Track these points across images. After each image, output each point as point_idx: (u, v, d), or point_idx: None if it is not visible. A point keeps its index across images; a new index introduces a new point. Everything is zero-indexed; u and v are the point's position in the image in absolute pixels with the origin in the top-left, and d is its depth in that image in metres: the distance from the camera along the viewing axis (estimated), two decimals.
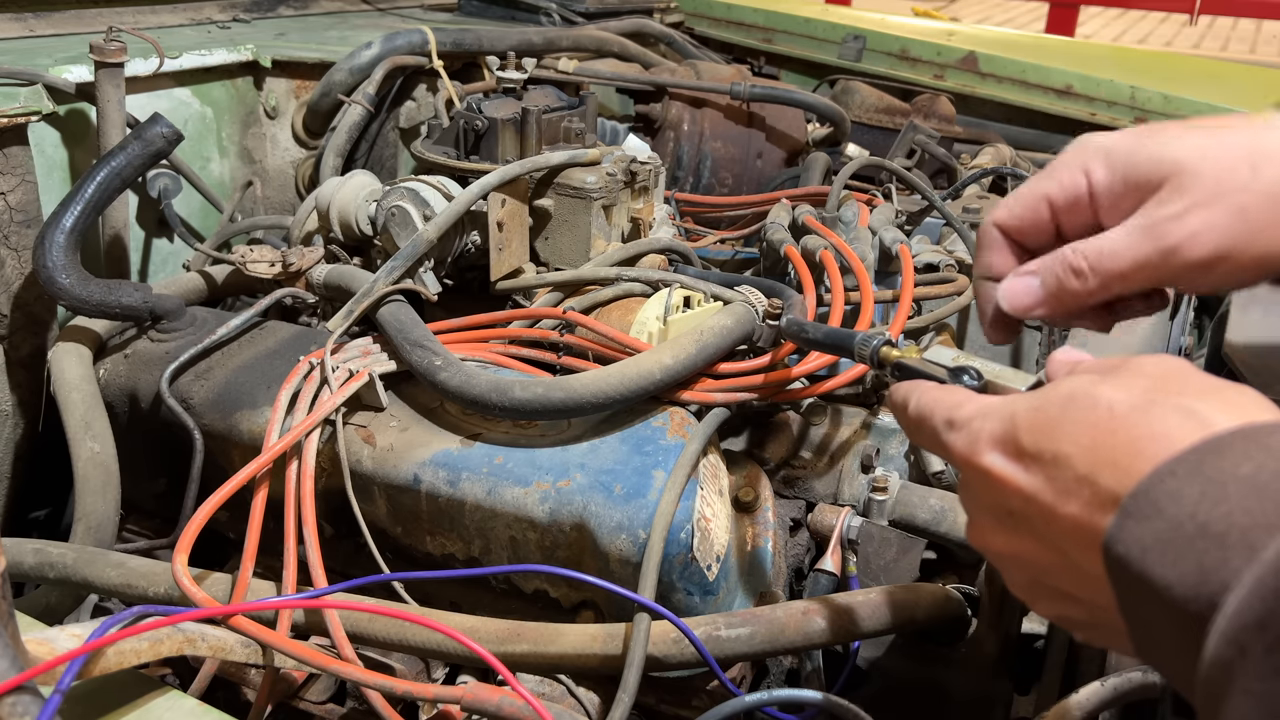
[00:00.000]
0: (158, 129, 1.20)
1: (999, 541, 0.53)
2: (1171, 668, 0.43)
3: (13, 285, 1.30)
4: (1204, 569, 0.38)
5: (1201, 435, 0.43)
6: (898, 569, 1.02)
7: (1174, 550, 0.40)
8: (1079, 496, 0.46)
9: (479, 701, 0.82)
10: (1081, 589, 0.49)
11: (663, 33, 2.25)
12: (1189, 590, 0.39)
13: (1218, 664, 0.37)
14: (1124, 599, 0.43)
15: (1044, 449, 0.48)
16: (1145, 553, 0.41)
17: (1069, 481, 0.46)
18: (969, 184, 1.65)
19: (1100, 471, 0.45)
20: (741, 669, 0.99)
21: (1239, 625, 0.37)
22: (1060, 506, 0.47)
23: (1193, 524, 0.40)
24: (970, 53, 2.30)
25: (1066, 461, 0.47)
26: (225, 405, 1.11)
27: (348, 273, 1.23)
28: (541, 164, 1.29)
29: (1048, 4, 8.25)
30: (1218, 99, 2.07)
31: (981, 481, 0.52)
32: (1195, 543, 0.39)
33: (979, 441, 0.52)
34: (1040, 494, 0.48)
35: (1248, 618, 0.36)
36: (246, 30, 1.79)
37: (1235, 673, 0.37)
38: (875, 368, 0.77)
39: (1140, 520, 0.42)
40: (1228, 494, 0.39)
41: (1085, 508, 0.45)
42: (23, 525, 1.38)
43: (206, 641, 0.79)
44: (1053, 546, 0.49)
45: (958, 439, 0.54)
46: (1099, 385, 0.48)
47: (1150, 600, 0.41)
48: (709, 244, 1.67)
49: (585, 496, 0.96)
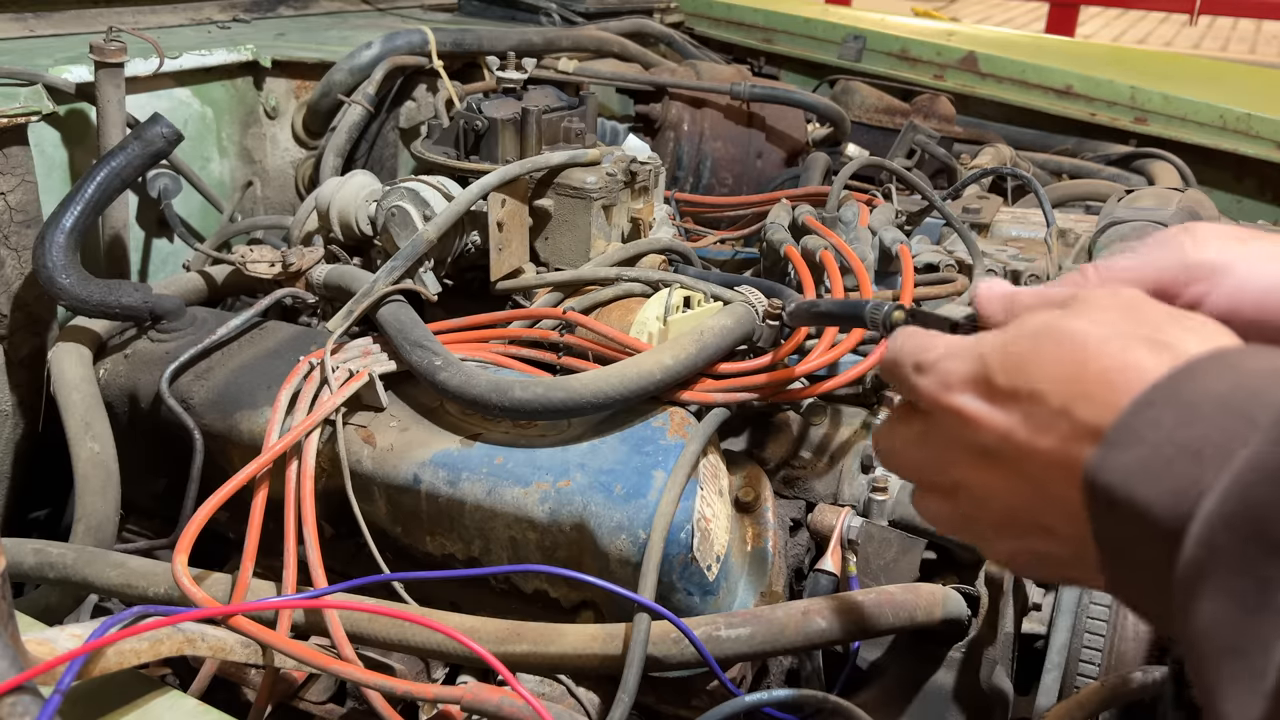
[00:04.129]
0: (158, 129, 1.20)
1: (973, 478, 0.53)
2: (1144, 598, 0.44)
3: (13, 285, 1.30)
4: (1182, 485, 0.40)
5: (1173, 363, 0.44)
6: (898, 569, 1.02)
7: (1155, 472, 0.41)
8: (1056, 430, 0.46)
9: (479, 701, 0.82)
10: (1057, 522, 0.49)
11: (663, 33, 2.25)
12: (1168, 508, 0.40)
13: (1191, 566, 0.38)
14: (1102, 528, 0.44)
15: (1018, 386, 0.49)
16: (1128, 479, 0.42)
17: (1045, 416, 0.47)
18: (969, 184, 1.65)
19: (1076, 405, 0.46)
20: (741, 669, 0.99)
21: (1210, 528, 0.38)
22: (1037, 441, 0.47)
23: (1171, 446, 0.41)
24: (970, 53, 2.30)
25: (1042, 397, 0.47)
26: (225, 405, 1.11)
27: (348, 273, 1.23)
28: (541, 164, 1.29)
29: (1048, 4, 8.25)
30: (1218, 99, 2.07)
31: (954, 421, 0.52)
32: (1174, 463, 0.40)
33: (949, 383, 0.53)
34: (1016, 430, 0.48)
35: (1218, 520, 0.38)
36: (246, 30, 1.79)
37: (1207, 572, 0.38)
38: (887, 333, 0.78)
39: (1123, 449, 0.42)
40: (1203, 414, 0.41)
41: (1063, 441, 0.46)
42: (23, 525, 1.37)
43: (206, 641, 0.79)
44: (1029, 481, 0.49)
45: (927, 381, 0.54)
46: (1067, 320, 0.49)
47: (1130, 524, 0.42)
48: (709, 244, 1.67)
49: (585, 496, 0.96)
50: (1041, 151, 2.16)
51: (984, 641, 0.95)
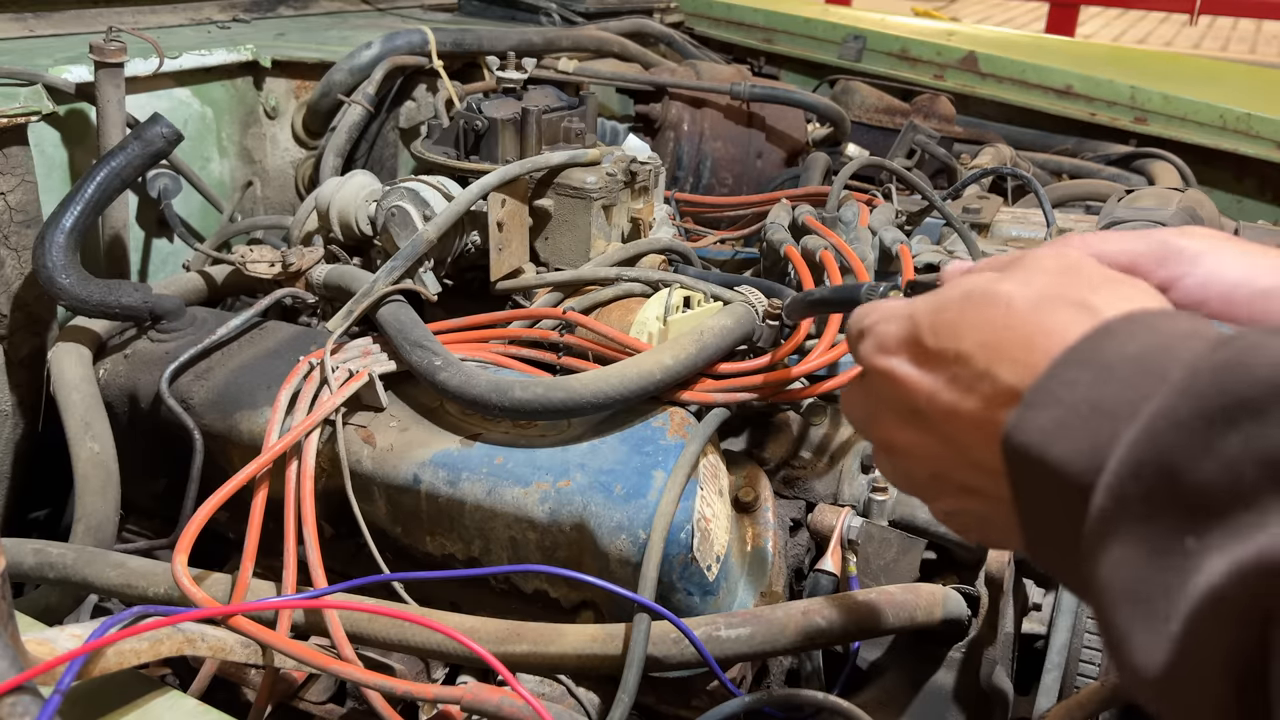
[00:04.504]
0: (158, 129, 1.20)
1: (902, 438, 0.54)
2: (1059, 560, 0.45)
3: (13, 285, 1.30)
4: (1096, 442, 0.40)
5: (1093, 325, 0.44)
6: (898, 569, 1.02)
7: (1069, 431, 0.41)
8: (979, 392, 0.47)
9: (479, 702, 0.82)
10: (980, 483, 0.50)
11: (663, 33, 2.25)
12: (1081, 465, 0.40)
13: (1099, 516, 0.39)
14: (1020, 488, 0.45)
15: (945, 348, 0.49)
16: (1045, 438, 0.42)
17: (969, 379, 0.48)
18: (969, 184, 1.65)
19: (998, 367, 0.46)
20: (741, 669, 0.99)
21: (1119, 477, 0.38)
22: (961, 404, 0.48)
23: (1087, 405, 0.41)
24: (970, 53, 2.30)
25: (967, 359, 0.48)
26: (225, 405, 1.11)
27: (348, 273, 1.23)
28: (541, 164, 1.29)
29: (1048, 4, 8.25)
30: (1218, 99, 2.07)
31: (885, 383, 0.53)
32: (1089, 421, 0.41)
33: (883, 345, 0.54)
34: (941, 393, 0.49)
35: (1126, 469, 0.38)
36: (246, 30, 1.79)
37: (1115, 522, 0.38)
38: None
39: (1039, 410, 0.43)
40: (1117, 375, 0.41)
41: (985, 403, 0.47)
42: (23, 525, 1.37)
43: (206, 641, 0.79)
44: (953, 443, 0.50)
45: (865, 345, 0.56)
46: (998, 283, 0.49)
47: (1045, 483, 0.42)
48: (709, 244, 1.67)
49: (585, 497, 0.96)
50: (1041, 151, 2.15)
51: (984, 641, 0.95)
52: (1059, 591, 1.05)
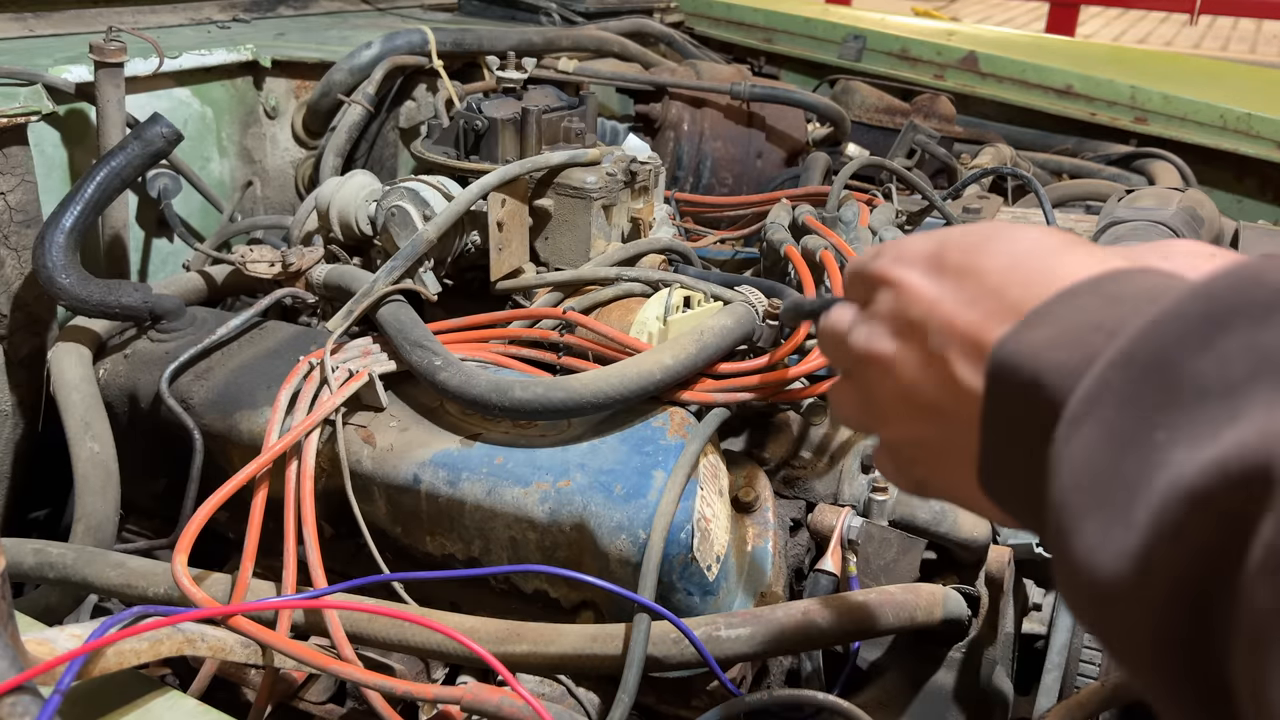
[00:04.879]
0: (158, 129, 1.20)
1: (884, 350, 0.54)
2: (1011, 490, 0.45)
3: (13, 285, 1.30)
4: (1087, 354, 0.40)
5: (1111, 269, 0.45)
6: (898, 569, 1.02)
7: (1060, 345, 0.41)
8: (982, 306, 0.48)
9: (479, 702, 0.82)
10: (949, 403, 0.50)
11: (663, 33, 2.25)
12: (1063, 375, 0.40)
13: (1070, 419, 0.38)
14: (992, 403, 0.45)
15: (965, 264, 0.50)
16: (1034, 351, 0.42)
17: (977, 294, 0.48)
18: (969, 184, 1.65)
19: (1010, 288, 0.47)
20: (741, 669, 0.99)
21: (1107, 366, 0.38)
22: (960, 314, 0.49)
23: (1087, 326, 0.41)
24: (970, 53, 2.30)
25: (982, 276, 0.49)
26: (225, 405, 1.11)
27: (348, 273, 1.23)
28: (541, 164, 1.29)
29: (1048, 4, 8.25)
30: (1218, 99, 2.07)
31: (891, 294, 0.53)
32: (1085, 335, 0.41)
33: (903, 256, 0.54)
34: (943, 301, 0.50)
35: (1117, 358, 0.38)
36: (246, 30, 1.79)
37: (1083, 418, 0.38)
38: None
39: (1036, 327, 0.43)
40: (1124, 302, 0.41)
41: (985, 317, 0.47)
42: (23, 525, 1.37)
43: (206, 642, 0.79)
44: (936, 355, 0.50)
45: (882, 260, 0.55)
46: (1023, 228, 0.51)
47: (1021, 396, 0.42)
48: (709, 244, 1.67)
49: (585, 497, 0.96)
50: (1042, 151, 2.16)
51: (984, 641, 0.95)
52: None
